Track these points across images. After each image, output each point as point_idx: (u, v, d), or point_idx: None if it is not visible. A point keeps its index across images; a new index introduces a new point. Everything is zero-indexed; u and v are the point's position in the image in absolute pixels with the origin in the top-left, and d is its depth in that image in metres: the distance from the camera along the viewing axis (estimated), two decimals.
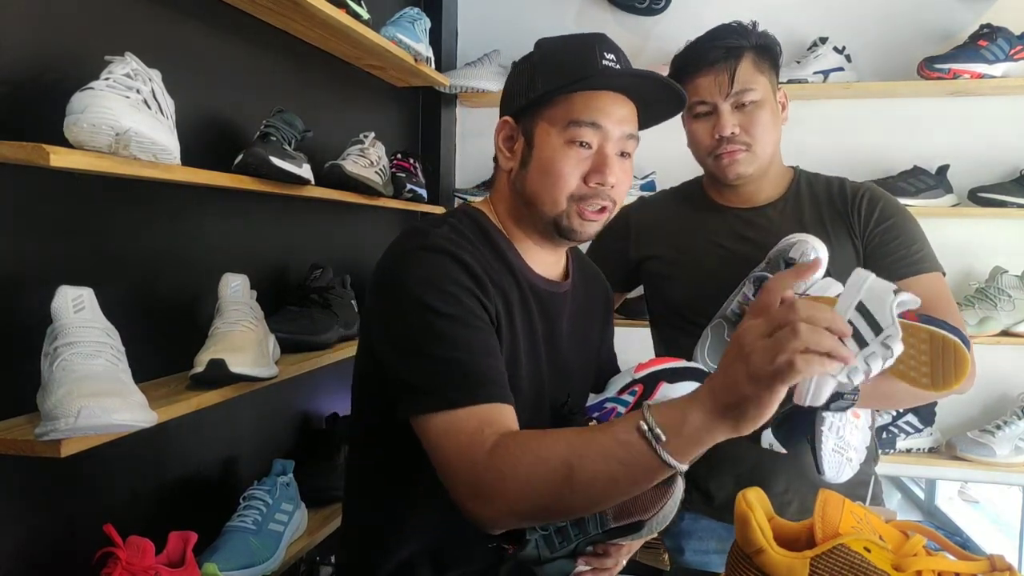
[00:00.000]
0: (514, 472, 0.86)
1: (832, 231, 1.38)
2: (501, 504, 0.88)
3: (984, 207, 2.44)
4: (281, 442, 1.94)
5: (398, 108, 2.63)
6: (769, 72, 1.39)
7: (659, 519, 0.94)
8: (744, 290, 1.31)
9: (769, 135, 1.37)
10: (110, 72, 1.15)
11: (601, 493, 0.84)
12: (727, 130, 1.35)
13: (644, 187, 2.65)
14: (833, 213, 1.41)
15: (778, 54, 1.43)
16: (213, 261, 1.60)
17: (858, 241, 1.39)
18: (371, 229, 2.43)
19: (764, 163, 1.39)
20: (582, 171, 1.05)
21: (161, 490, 1.52)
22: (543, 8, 2.83)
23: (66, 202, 1.29)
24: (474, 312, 0.98)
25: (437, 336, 0.95)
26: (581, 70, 1.03)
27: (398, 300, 0.99)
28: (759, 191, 1.44)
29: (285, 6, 1.67)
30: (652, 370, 1.18)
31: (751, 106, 1.36)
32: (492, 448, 0.88)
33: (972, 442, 2.42)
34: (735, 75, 1.35)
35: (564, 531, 0.96)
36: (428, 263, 1.00)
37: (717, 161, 1.39)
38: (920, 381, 1.11)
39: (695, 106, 1.39)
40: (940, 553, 0.81)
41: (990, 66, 2.37)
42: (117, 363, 1.14)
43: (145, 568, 1.18)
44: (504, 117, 1.12)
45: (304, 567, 1.90)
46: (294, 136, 1.66)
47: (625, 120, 1.07)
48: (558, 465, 0.84)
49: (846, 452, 1.26)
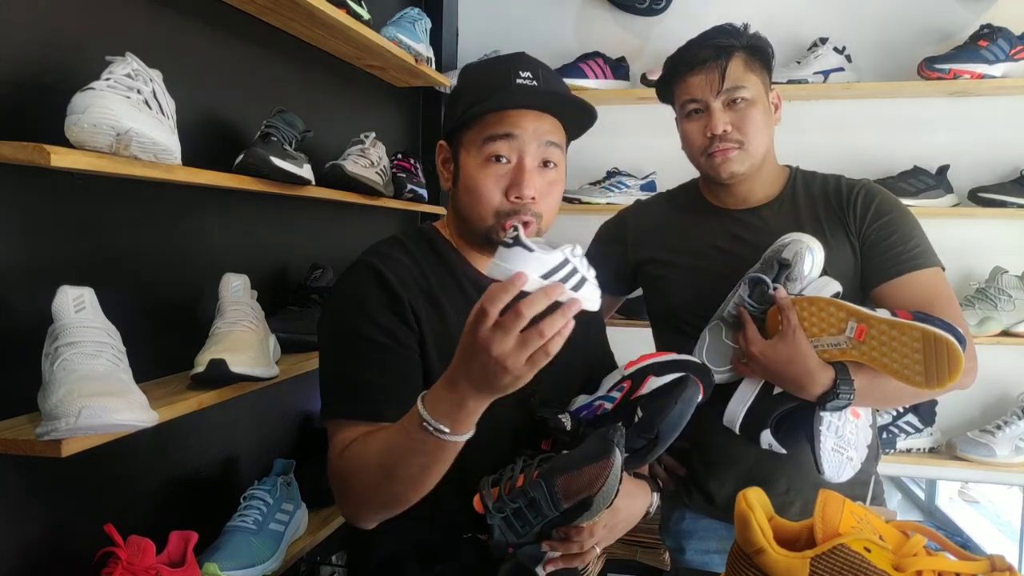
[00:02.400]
0: (351, 475, 1.00)
1: (829, 229, 1.38)
2: (352, 502, 1.03)
3: (984, 207, 2.44)
4: (282, 442, 1.94)
5: (398, 108, 2.63)
6: (760, 72, 1.39)
7: (604, 494, 0.97)
8: (740, 292, 1.31)
9: (761, 133, 1.37)
10: (111, 72, 1.16)
11: (418, 478, 0.94)
12: (719, 127, 1.35)
13: (644, 187, 2.65)
14: (829, 211, 1.40)
15: (770, 55, 1.43)
16: (214, 261, 1.60)
17: (854, 238, 1.38)
18: (372, 229, 2.43)
19: (757, 161, 1.39)
20: (502, 186, 1.08)
21: (162, 490, 1.52)
22: (543, 8, 2.82)
23: (67, 202, 1.29)
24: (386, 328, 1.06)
25: (337, 351, 1.09)
26: (493, 91, 1.08)
27: (323, 313, 1.16)
28: (753, 191, 1.44)
29: (286, 6, 1.67)
30: (640, 366, 1.18)
31: (743, 104, 1.36)
32: (340, 455, 1.02)
33: (972, 442, 2.42)
34: (726, 73, 1.35)
35: (521, 515, 0.99)
36: (352, 281, 1.11)
37: (710, 160, 1.39)
38: (914, 379, 1.12)
39: (687, 105, 1.40)
40: (940, 553, 0.81)
41: (990, 66, 2.37)
42: (118, 363, 1.14)
43: (146, 568, 1.18)
44: (440, 141, 1.18)
45: (304, 567, 1.90)
46: (295, 136, 1.66)
47: (542, 131, 1.09)
48: (375, 467, 0.96)
49: (846, 451, 1.25)
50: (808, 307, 1.23)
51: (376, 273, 1.08)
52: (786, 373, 1.23)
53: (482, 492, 1.01)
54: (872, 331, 1.16)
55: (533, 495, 0.98)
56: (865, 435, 1.31)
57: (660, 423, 1.10)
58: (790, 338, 1.22)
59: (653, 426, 1.11)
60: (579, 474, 0.97)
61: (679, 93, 1.42)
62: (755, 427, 1.28)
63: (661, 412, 1.11)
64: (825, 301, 1.22)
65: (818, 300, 1.23)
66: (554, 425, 1.11)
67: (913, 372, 1.13)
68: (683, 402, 1.12)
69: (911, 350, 1.12)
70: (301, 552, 1.67)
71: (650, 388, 1.13)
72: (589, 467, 0.97)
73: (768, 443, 1.27)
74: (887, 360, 1.15)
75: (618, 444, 0.98)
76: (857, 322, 1.18)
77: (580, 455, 1.00)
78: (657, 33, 2.73)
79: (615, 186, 2.66)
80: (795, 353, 1.22)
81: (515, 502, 0.99)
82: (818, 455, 1.23)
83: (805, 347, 1.22)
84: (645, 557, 2.17)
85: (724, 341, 1.32)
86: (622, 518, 1.13)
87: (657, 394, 1.13)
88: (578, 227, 2.63)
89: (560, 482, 0.97)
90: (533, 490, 0.98)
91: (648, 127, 2.70)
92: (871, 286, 1.37)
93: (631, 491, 1.15)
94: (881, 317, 1.16)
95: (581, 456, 0.99)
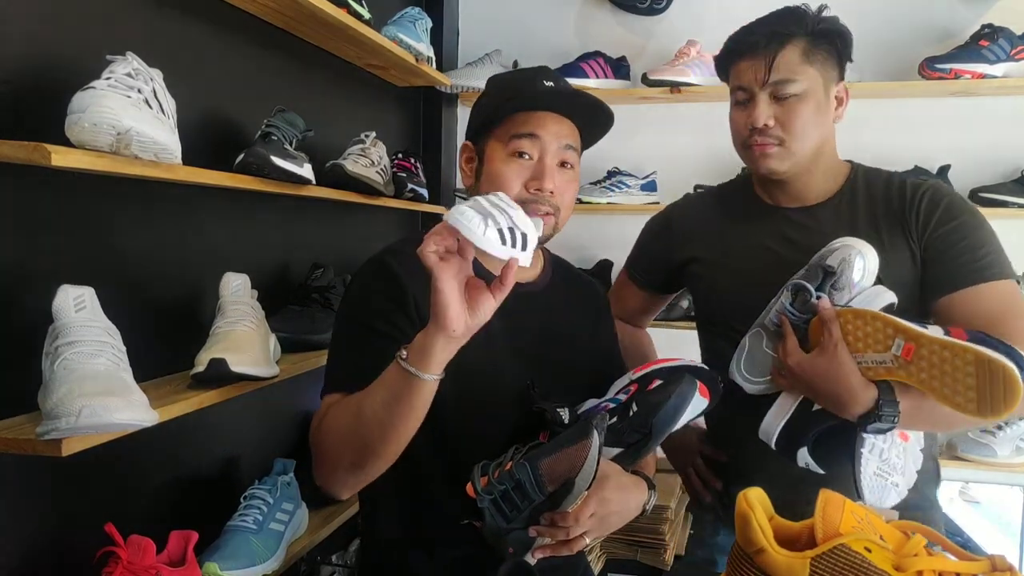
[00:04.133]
0: (327, 433, 1.06)
1: (887, 233, 1.28)
2: (324, 462, 1.07)
3: (985, 207, 2.43)
4: (282, 441, 1.94)
5: (399, 108, 2.63)
6: (823, 63, 1.28)
7: (583, 475, 1.00)
8: (782, 299, 1.22)
9: (810, 131, 1.27)
10: (111, 71, 1.16)
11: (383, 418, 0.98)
12: (760, 121, 1.26)
13: (644, 187, 2.65)
14: (889, 213, 1.30)
15: (841, 45, 1.30)
16: (214, 260, 1.60)
17: (915, 244, 1.27)
18: (372, 229, 2.43)
19: (801, 160, 1.29)
20: (523, 179, 1.15)
21: (162, 489, 1.52)
22: (544, 8, 2.82)
23: (67, 201, 1.29)
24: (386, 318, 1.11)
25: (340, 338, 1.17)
26: (521, 93, 1.18)
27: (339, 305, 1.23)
28: (808, 189, 1.34)
29: (287, 5, 1.67)
30: (648, 370, 1.20)
31: (791, 99, 1.26)
32: (320, 418, 1.09)
33: (973, 442, 2.42)
34: (775, 63, 1.25)
35: (508, 498, 1.02)
36: (362, 274, 1.19)
37: (748, 153, 1.31)
38: (966, 407, 1.02)
39: (735, 91, 1.32)
40: (941, 553, 0.80)
41: (991, 66, 2.37)
42: (118, 362, 1.14)
43: (146, 567, 1.18)
44: (465, 141, 1.25)
45: (305, 567, 1.90)
46: (295, 136, 1.66)
47: (563, 134, 1.17)
48: (352, 411, 1.02)
49: (890, 476, 1.16)
50: (853, 320, 1.13)
51: (384, 266, 1.15)
52: (825, 389, 1.15)
53: (473, 477, 1.04)
54: (921, 351, 1.06)
55: (519, 477, 1.01)
56: (914, 459, 1.21)
57: (653, 417, 1.12)
58: (831, 352, 1.13)
59: (647, 420, 1.12)
60: (560, 455, 1.01)
61: (731, 76, 1.33)
62: (792, 444, 1.20)
63: (655, 407, 1.12)
64: (872, 315, 1.12)
65: (864, 313, 1.13)
66: (551, 417, 1.12)
67: (965, 399, 1.02)
68: (677, 397, 1.12)
69: (963, 374, 1.02)
70: (301, 552, 1.67)
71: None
72: (569, 448, 1.01)
73: (805, 462, 1.19)
74: (936, 384, 1.05)
75: (597, 427, 1.02)
76: (905, 340, 1.07)
77: (562, 439, 1.03)
78: (658, 32, 2.73)
79: (615, 186, 2.66)
80: (835, 369, 1.13)
81: (502, 484, 1.02)
82: (859, 479, 1.15)
83: (847, 363, 1.13)
84: (645, 557, 2.17)
85: (764, 350, 1.24)
86: (613, 509, 1.12)
87: (654, 391, 1.14)
88: (579, 226, 2.65)
89: (543, 464, 1.01)
90: (519, 472, 1.01)
91: (649, 127, 2.71)
92: (933, 297, 1.26)
93: (625, 484, 1.15)
94: (931, 336, 1.06)
95: (562, 440, 1.03)
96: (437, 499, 1.16)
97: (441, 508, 1.15)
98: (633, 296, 1.59)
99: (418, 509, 1.18)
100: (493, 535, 1.05)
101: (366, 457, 1.03)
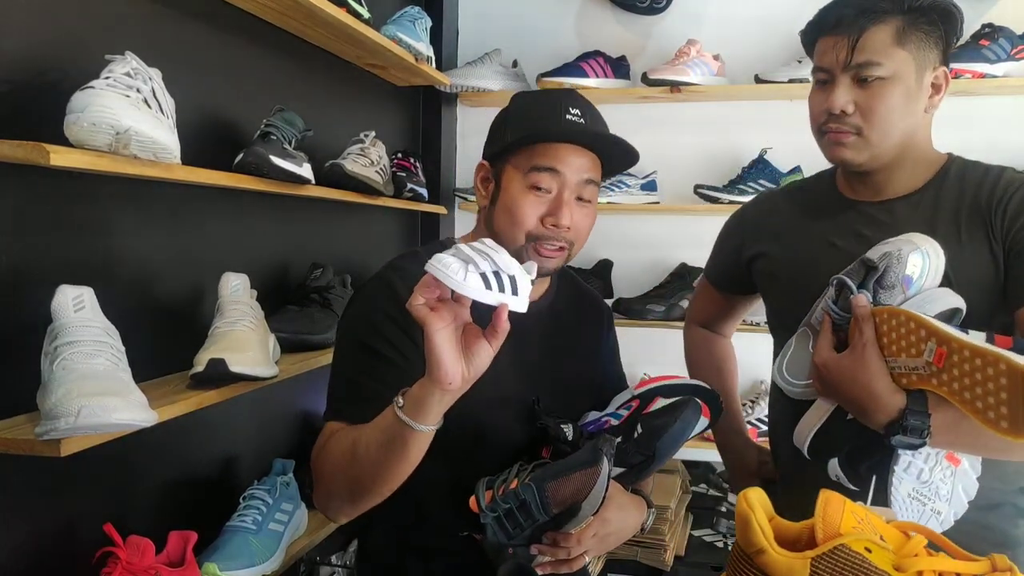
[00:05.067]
0: (325, 462, 1.06)
1: (967, 231, 1.16)
2: (322, 490, 1.08)
3: None
4: (281, 442, 1.94)
5: (399, 107, 2.63)
6: (920, 46, 1.15)
7: (590, 501, 1.01)
8: (827, 296, 1.12)
9: (894, 120, 1.15)
10: (110, 71, 1.15)
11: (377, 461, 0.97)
12: (837, 106, 1.15)
13: (644, 187, 2.65)
14: (974, 209, 1.17)
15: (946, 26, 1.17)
16: (213, 260, 1.60)
17: (997, 244, 1.14)
18: (371, 229, 2.43)
19: (883, 152, 1.18)
20: (539, 213, 1.14)
21: (161, 489, 1.52)
22: (544, 7, 2.82)
23: (66, 201, 1.29)
24: (389, 341, 1.11)
25: (342, 358, 1.16)
26: (544, 123, 1.14)
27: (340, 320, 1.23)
28: (891, 182, 1.22)
29: (286, 5, 1.67)
30: (650, 387, 1.22)
31: (876, 83, 1.14)
32: (320, 447, 1.09)
33: None
34: (859, 43, 1.13)
35: (512, 516, 1.03)
36: (367, 292, 1.18)
37: (823, 138, 1.21)
38: (998, 424, 0.89)
39: (816, 72, 1.21)
40: (941, 553, 0.80)
41: (991, 66, 2.37)
42: (117, 362, 1.14)
43: (145, 568, 1.18)
44: (482, 160, 1.23)
45: (304, 567, 1.90)
46: (294, 135, 1.65)
47: (584, 168, 1.15)
48: (347, 446, 1.02)
49: (930, 502, 1.05)
50: (888, 320, 1.03)
51: (388, 285, 1.14)
52: (849, 392, 1.06)
53: (477, 492, 1.05)
54: (953, 357, 0.93)
55: (524, 498, 1.01)
56: (966, 487, 1.08)
57: (657, 440, 1.13)
58: (859, 353, 1.04)
59: (651, 443, 1.14)
60: (568, 480, 1.01)
61: (815, 54, 1.23)
62: (825, 453, 1.12)
63: (660, 430, 1.14)
64: (907, 315, 1.00)
65: (899, 312, 1.02)
66: (554, 433, 1.13)
67: (997, 415, 0.89)
68: (682, 422, 1.14)
69: (996, 386, 0.89)
70: (301, 552, 1.67)
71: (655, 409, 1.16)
72: (577, 474, 1.01)
73: (836, 475, 1.10)
74: (968, 395, 0.92)
75: (607, 454, 1.02)
76: (937, 344, 0.95)
77: (570, 462, 1.03)
78: (658, 32, 2.73)
79: (615, 185, 2.65)
80: (861, 371, 1.03)
81: (507, 503, 1.02)
82: (890, 499, 1.05)
83: (875, 366, 1.02)
84: (645, 557, 2.17)
85: (808, 350, 1.14)
86: (612, 530, 1.14)
87: (659, 413, 1.16)
88: None
89: (550, 487, 1.01)
90: (524, 493, 1.01)
91: (649, 126, 2.70)
92: (1016, 305, 1.12)
93: (624, 504, 1.17)
94: (965, 341, 0.93)
95: (571, 463, 1.03)
96: (437, 510, 1.16)
97: (440, 518, 1.15)
98: (711, 300, 1.52)
99: (417, 518, 1.18)
100: (493, 550, 1.06)
101: (360, 493, 1.03)
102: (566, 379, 1.25)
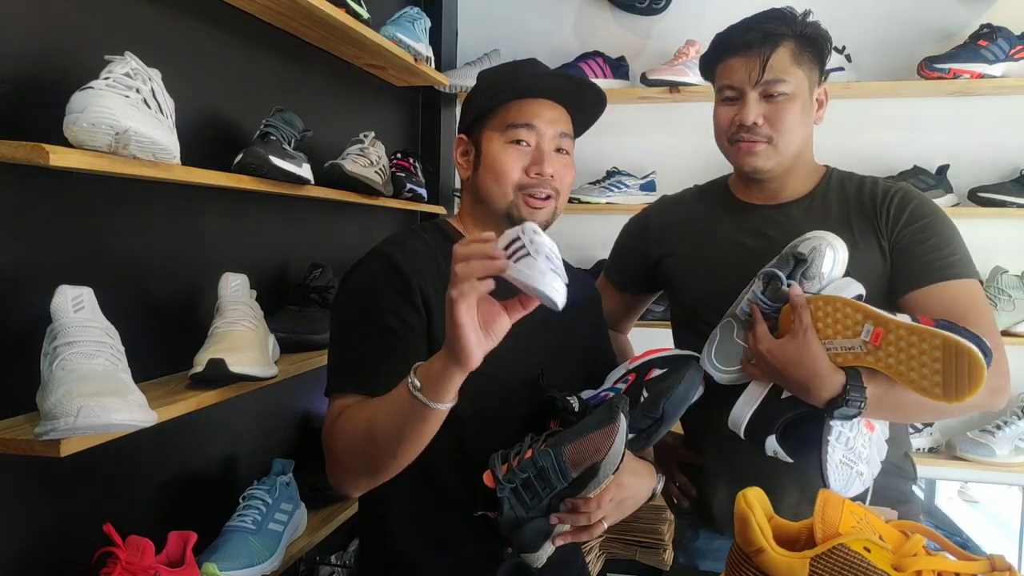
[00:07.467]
0: (339, 438, 1.06)
1: (858, 231, 1.32)
2: (338, 466, 1.08)
3: (984, 207, 2.44)
4: (281, 442, 1.94)
5: (398, 107, 2.63)
6: (809, 65, 1.32)
7: (610, 459, 1.01)
8: (753, 288, 1.25)
9: (795, 131, 1.31)
10: (110, 71, 1.15)
11: (395, 439, 0.98)
12: (749, 119, 1.29)
13: (644, 187, 2.65)
14: (861, 212, 1.34)
15: (825, 49, 1.34)
16: (213, 261, 1.60)
17: (885, 241, 1.32)
18: (371, 229, 2.43)
19: (786, 160, 1.33)
20: (523, 164, 1.18)
21: (161, 490, 1.52)
22: (543, 7, 2.82)
23: (66, 201, 1.29)
24: (394, 312, 1.11)
25: (345, 333, 1.16)
26: (513, 82, 1.20)
27: (335, 299, 1.23)
28: (784, 188, 1.38)
29: (285, 5, 1.67)
30: (645, 360, 1.22)
31: (781, 98, 1.29)
32: (332, 422, 1.08)
33: (972, 442, 2.42)
34: (768, 63, 1.28)
35: (530, 485, 1.01)
36: (364, 267, 1.18)
37: (734, 148, 1.34)
38: (932, 391, 1.05)
39: (724, 89, 1.34)
40: (940, 553, 0.81)
41: (990, 66, 2.37)
42: (117, 362, 1.14)
43: (145, 568, 1.18)
44: (459, 135, 1.27)
45: (304, 567, 1.90)
46: (294, 135, 1.66)
47: (557, 121, 1.21)
48: (361, 428, 1.02)
49: (855, 465, 1.18)
50: (823, 307, 1.16)
51: (387, 259, 1.15)
52: (793, 375, 1.17)
53: (493, 466, 1.04)
54: (889, 336, 1.09)
55: (542, 464, 1.01)
56: (879, 449, 1.23)
57: (665, 402, 1.15)
58: (800, 338, 1.16)
59: (658, 406, 1.15)
60: (586, 440, 1.01)
61: (719, 74, 1.36)
62: (761, 432, 1.22)
63: (665, 392, 1.15)
64: (842, 301, 1.15)
65: (834, 299, 1.16)
66: (562, 405, 1.13)
67: (931, 383, 1.05)
68: (687, 383, 1.16)
69: (930, 359, 1.05)
70: (300, 552, 1.67)
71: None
72: (595, 433, 1.01)
73: (773, 450, 1.21)
74: (904, 368, 1.08)
75: (623, 410, 1.02)
76: (874, 325, 1.11)
77: (586, 423, 1.03)
78: (657, 32, 2.73)
79: (615, 186, 2.66)
80: (804, 354, 1.15)
81: (524, 472, 1.01)
82: (825, 466, 1.17)
83: (816, 348, 1.15)
84: (645, 557, 2.17)
85: (735, 340, 1.26)
86: (628, 495, 1.13)
87: (661, 377, 1.17)
88: (578, 226, 2.65)
89: (568, 450, 1.00)
90: (542, 459, 1.01)
91: (648, 126, 2.71)
92: (900, 293, 1.30)
93: (637, 470, 1.16)
94: (900, 321, 1.09)
95: (587, 424, 1.02)
96: (448, 494, 1.15)
97: (452, 503, 1.15)
98: (612, 299, 1.57)
99: (428, 505, 1.17)
100: (509, 526, 1.04)
101: (377, 467, 1.03)
102: (563, 355, 1.25)
